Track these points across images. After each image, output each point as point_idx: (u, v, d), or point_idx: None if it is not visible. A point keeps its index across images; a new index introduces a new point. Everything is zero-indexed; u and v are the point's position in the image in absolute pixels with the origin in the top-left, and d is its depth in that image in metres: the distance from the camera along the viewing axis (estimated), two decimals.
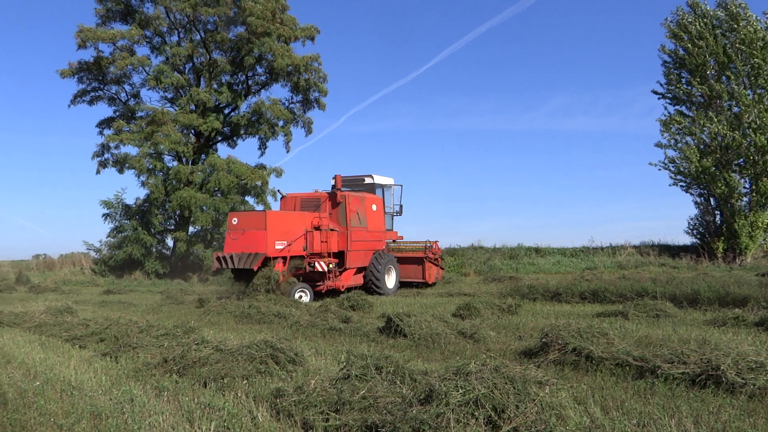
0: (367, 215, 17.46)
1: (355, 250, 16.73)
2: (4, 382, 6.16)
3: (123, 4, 26.96)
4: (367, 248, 17.27)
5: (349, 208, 16.71)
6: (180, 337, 7.99)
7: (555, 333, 6.66)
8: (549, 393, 4.18)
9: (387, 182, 19.27)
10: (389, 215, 19.11)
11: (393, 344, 7.96)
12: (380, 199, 18.46)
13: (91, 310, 14.40)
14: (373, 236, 17.58)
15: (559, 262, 26.68)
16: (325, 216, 16.47)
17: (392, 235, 19.11)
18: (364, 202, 17.48)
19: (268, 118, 28.06)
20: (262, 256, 14.25)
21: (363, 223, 17.18)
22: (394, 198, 19.44)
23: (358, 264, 17.02)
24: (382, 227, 18.17)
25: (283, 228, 15.01)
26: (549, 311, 11.23)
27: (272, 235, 14.61)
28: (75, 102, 28.51)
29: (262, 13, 25.74)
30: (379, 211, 18.16)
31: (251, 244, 14.61)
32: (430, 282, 18.73)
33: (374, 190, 18.61)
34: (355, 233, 16.71)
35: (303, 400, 4.74)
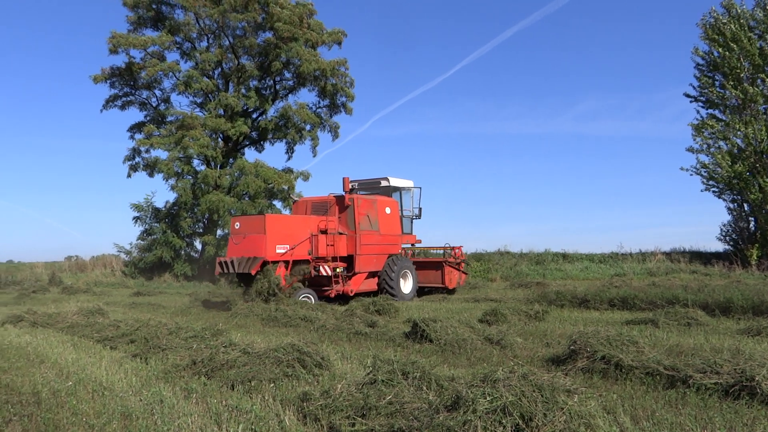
0: (380, 218, 17.10)
1: (365, 254, 16.43)
2: (38, 382, 6.29)
3: (154, 11, 27.46)
4: (379, 252, 16.96)
5: (357, 211, 16.42)
6: (208, 339, 8.08)
7: (583, 340, 6.57)
8: (578, 401, 4.13)
9: (405, 185, 18.90)
10: (408, 218, 18.76)
11: (419, 349, 7.95)
12: (395, 201, 18.09)
13: (121, 312, 14.66)
14: (386, 240, 17.23)
15: (587, 268, 26.37)
16: (333, 219, 16.25)
17: (410, 238, 18.72)
18: (376, 205, 17.12)
19: (295, 122, 28.30)
20: (260, 260, 14.17)
21: (375, 227, 16.85)
22: (413, 201, 19.05)
23: (370, 268, 16.70)
24: (397, 230, 17.79)
25: (284, 232, 14.89)
26: (577, 318, 11.10)
27: (272, 238, 14.47)
28: (107, 106, 29.13)
29: (289, 19, 26.00)
30: (394, 214, 17.78)
31: (251, 248, 14.55)
32: (450, 287, 18.31)
33: (390, 193, 18.30)
34: (364, 236, 16.41)
35: (329, 404, 4.75)
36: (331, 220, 16.13)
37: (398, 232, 17.81)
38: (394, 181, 18.51)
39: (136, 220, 29.16)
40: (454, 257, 18.72)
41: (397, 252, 17.61)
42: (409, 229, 18.76)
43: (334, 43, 28.39)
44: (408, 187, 18.98)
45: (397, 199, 18.49)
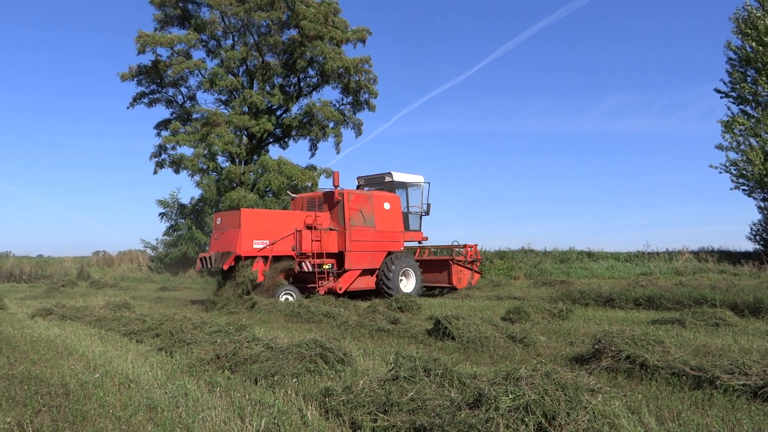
0: (376, 214, 16.62)
1: (356, 250, 15.99)
2: (67, 374, 6.41)
3: (180, 10, 27.77)
4: (375, 249, 16.47)
5: (348, 206, 16.00)
6: (232, 334, 8.16)
7: (608, 339, 6.49)
8: (602, 401, 4.08)
9: (411, 180, 18.31)
10: (416, 215, 18.24)
11: (441, 347, 7.93)
12: (396, 197, 17.52)
13: (147, 306, 14.90)
14: (384, 236, 16.72)
15: (612, 266, 26.07)
16: (324, 215, 15.95)
17: (416, 235, 18.14)
18: (372, 201, 16.66)
19: (318, 119, 28.41)
20: (231, 255, 14.06)
21: (370, 223, 16.40)
22: (423, 196, 18.43)
23: (363, 265, 16.26)
24: (398, 227, 17.22)
25: (262, 227, 14.68)
26: (601, 317, 10.97)
27: (247, 233, 14.30)
28: (134, 104, 29.55)
29: (314, 17, 26.11)
30: (395, 210, 17.21)
31: (227, 243, 14.48)
32: (459, 287, 17.66)
33: (395, 189, 17.80)
34: (356, 233, 16.00)
35: (351, 399, 4.76)
36: (321, 216, 15.80)
37: (399, 229, 17.26)
38: (398, 176, 18.03)
39: (162, 216, 29.62)
40: (465, 256, 18.11)
41: (398, 249, 17.08)
42: (417, 225, 18.25)
43: (359, 41, 28.45)
44: (415, 183, 18.42)
45: (403, 195, 18.05)
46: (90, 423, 4.62)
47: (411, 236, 17.92)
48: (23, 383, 5.97)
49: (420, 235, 18.28)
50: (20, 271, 34.23)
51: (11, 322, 11.61)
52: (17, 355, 7.67)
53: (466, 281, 17.91)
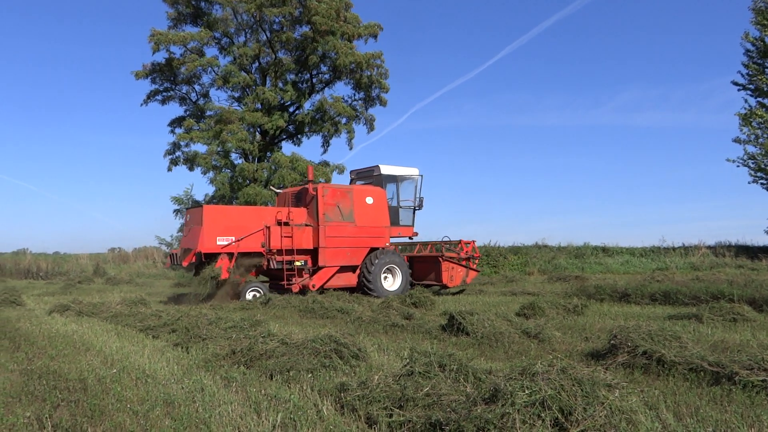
0: (356, 209, 16.05)
1: (332, 246, 15.53)
2: (85, 369, 6.48)
3: (193, 7, 27.86)
4: (354, 245, 15.96)
5: (323, 201, 15.50)
6: (247, 329, 8.21)
7: (624, 335, 6.45)
8: (619, 396, 4.05)
9: (401, 172, 17.51)
10: (407, 209, 17.50)
11: (455, 342, 7.92)
12: (380, 191, 16.84)
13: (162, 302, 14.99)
14: (365, 232, 16.16)
15: (627, 261, 25.91)
16: (299, 210, 15.63)
17: (405, 231, 17.36)
18: (351, 195, 16.10)
19: (331, 115, 28.41)
20: (191, 251, 14.07)
21: (348, 218, 15.87)
22: (416, 190, 17.64)
23: (339, 262, 15.78)
24: (382, 222, 16.53)
25: (226, 223, 14.49)
26: (617, 312, 10.90)
27: (209, 230, 14.15)
28: (148, 102, 29.71)
29: (326, 12, 26.08)
30: (379, 205, 16.54)
31: (191, 240, 14.47)
32: (450, 285, 16.87)
33: (384, 182, 17.18)
34: (331, 228, 15.52)
35: (367, 395, 4.77)
36: (296, 212, 15.52)
37: (384, 224, 16.60)
38: (386, 169, 17.36)
39: (176, 213, 29.78)
40: (457, 252, 17.31)
41: (382, 245, 16.46)
42: (408, 220, 17.54)
43: (370, 36, 28.39)
44: (406, 175, 17.67)
45: (393, 188, 17.43)
46: (108, 417, 4.66)
47: (399, 232, 17.23)
48: (42, 378, 6.05)
49: (410, 230, 17.56)
50: (37, 267, 34.64)
51: (29, 318, 11.75)
52: (36, 351, 7.76)
53: (459, 279, 17.11)
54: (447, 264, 16.80)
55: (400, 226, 17.21)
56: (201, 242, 14.04)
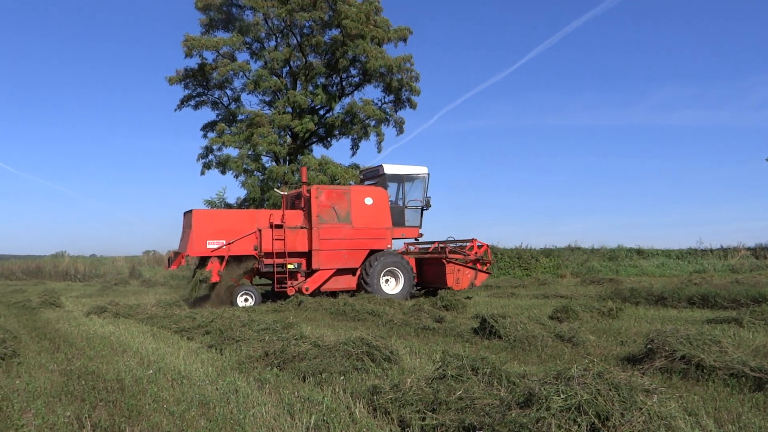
0: (354, 210, 15.64)
1: (326, 249, 15.22)
2: (122, 369, 6.60)
3: (225, 13, 28.24)
4: (352, 247, 15.58)
5: (316, 203, 15.21)
6: (279, 332, 8.28)
7: (661, 339, 6.31)
8: (657, 402, 3.97)
9: (406, 171, 16.98)
10: (414, 209, 16.95)
11: (488, 345, 7.86)
12: (381, 191, 16.32)
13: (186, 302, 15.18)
14: (364, 233, 15.74)
15: (663, 264, 25.43)
16: (295, 213, 15.45)
17: (409, 232, 16.77)
18: (349, 196, 15.70)
19: (360, 118, 28.50)
20: (179, 255, 14.28)
21: (345, 219, 15.51)
22: (423, 190, 17.07)
23: (335, 265, 15.45)
24: (383, 223, 16.03)
25: (217, 226, 14.53)
26: (653, 316, 10.69)
27: (199, 234, 14.23)
28: (181, 107, 30.20)
29: (356, 16, 26.19)
30: (379, 205, 16.06)
31: (183, 243, 14.62)
32: (456, 289, 15.98)
33: (387, 182, 16.67)
34: (326, 231, 15.22)
35: (399, 398, 4.76)
36: (292, 214, 15.35)
37: (386, 225, 16.09)
38: (390, 168, 16.85)
39: None
40: (465, 254, 16.57)
41: (383, 247, 16.01)
42: (415, 220, 16.98)
43: (400, 40, 28.41)
44: (412, 174, 17.10)
45: (398, 188, 17.02)
46: (145, 418, 4.74)
47: (403, 233, 16.66)
48: (81, 378, 6.18)
49: (416, 231, 16.99)
50: (75, 270, 35.51)
51: (68, 319, 12.03)
52: (74, 352, 7.94)
53: (467, 282, 16.36)
54: (452, 266, 16.15)
55: (405, 226, 16.73)
56: (190, 246, 14.22)
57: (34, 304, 15.33)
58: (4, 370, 6.72)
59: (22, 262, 38.84)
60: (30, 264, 38.09)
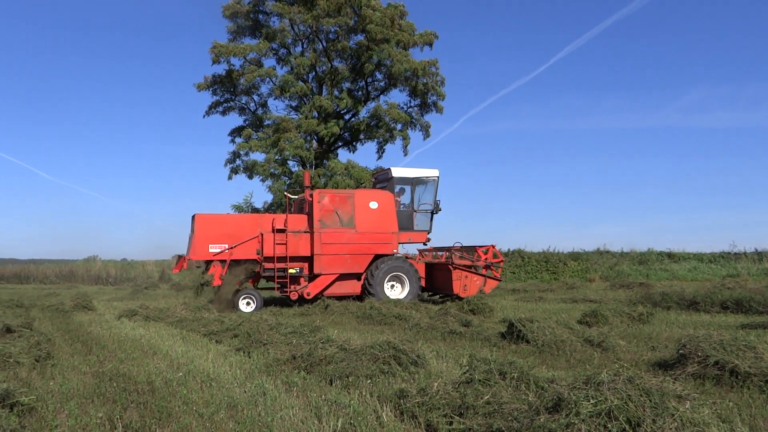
0: (357, 214, 15.49)
1: (328, 254, 15.13)
2: (152, 372, 6.70)
3: (252, 20, 28.57)
4: (355, 252, 15.41)
5: (319, 207, 15.15)
6: (306, 335, 8.31)
7: (694, 344, 6.19)
8: (690, 408, 3.89)
9: (415, 174, 16.70)
10: (423, 213, 16.65)
11: (515, 350, 7.80)
12: (387, 195, 16.07)
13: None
14: (368, 238, 15.54)
15: (695, 268, 24.95)
16: (299, 217, 15.41)
17: (416, 236, 16.49)
18: (353, 200, 15.57)
19: (386, 122, 28.56)
20: (181, 259, 14.44)
21: (348, 224, 15.38)
22: (434, 194, 16.76)
23: (337, 270, 15.31)
24: (388, 227, 15.80)
25: (220, 231, 14.60)
26: (685, 321, 10.49)
27: (201, 238, 14.37)
28: (209, 113, 30.60)
29: (381, 20, 26.27)
30: (385, 209, 15.82)
31: (187, 247, 14.78)
32: (463, 296, 15.30)
33: (395, 185, 16.43)
34: (327, 235, 15.12)
35: (426, 402, 4.74)
36: (296, 218, 15.33)
37: (391, 229, 15.86)
38: (398, 171, 16.64)
39: None
40: (473, 260, 16.13)
41: (388, 251, 15.77)
42: (425, 224, 16.68)
43: (426, 44, 28.42)
44: (422, 177, 16.76)
45: (408, 191, 16.71)
46: (175, 420, 4.80)
47: (410, 237, 16.42)
48: (112, 380, 6.29)
49: (424, 236, 16.71)
50: (107, 274, 36.18)
51: (100, 322, 12.25)
52: (106, 354, 8.08)
53: (475, 288, 15.85)
54: (459, 272, 15.76)
55: (414, 231, 16.49)
56: (192, 250, 14.43)
57: (68, 307, 15.65)
58: (39, 371, 6.87)
59: (55, 266, 39.70)
60: (63, 268, 38.91)
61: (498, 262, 16.81)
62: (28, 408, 4.99)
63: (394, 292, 15.65)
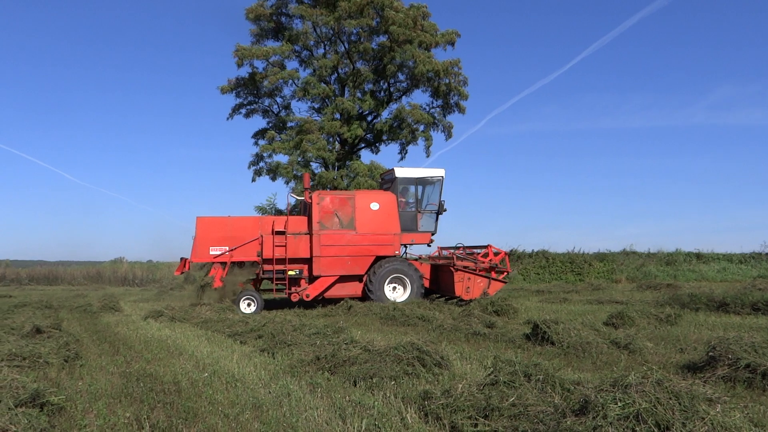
0: (358, 216, 15.43)
1: (327, 255, 15.11)
2: (178, 372, 6.77)
3: (274, 23, 28.77)
4: (356, 253, 15.36)
5: (318, 209, 15.16)
6: (330, 336, 8.33)
7: (724, 346, 6.07)
8: (721, 412, 3.81)
9: (418, 175, 16.53)
10: (428, 214, 16.43)
11: (540, 352, 7.72)
12: (389, 195, 15.93)
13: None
14: (369, 239, 15.45)
15: (724, 269, 24.48)
16: (300, 219, 15.46)
17: (420, 237, 16.30)
18: (353, 201, 15.51)
19: (409, 123, 28.53)
20: (182, 261, 14.72)
21: (349, 225, 15.34)
22: (439, 194, 16.54)
23: (337, 272, 15.27)
24: (390, 229, 15.68)
25: (220, 233, 14.72)
26: (714, 323, 10.29)
27: (201, 240, 14.55)
28: (233, 115, 30.87)
29: (404, 22, 26.26)
30: (386, 210, 15.71)
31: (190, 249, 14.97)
32: (465, 298, 15.09)
33: (398, 186, 16.24)
34: (327, 237, 15.12)
35: (451, 403, 4.72)
36: (296, 220, 15.37)
37: (393, 231, 15.72)
38: (401, 172, 16.46)
39: None
40: (476, 262, 15.70)
41: (390, 253, 15.64)
42: (430, 225, 16.47)
43: (448, 44, 28.34)
44: (426, 178, 16.55)
45: (412, 192, 16.51)
46: (201, 420, 4.84)
47: (413, 238, 16.23)
48: (139, 381, 6.37)
49: (427, 237, 16.49)
50: (133, 275, 36.68)
51: (127, 323, 12.43)
52: (133, 355, 8.19)
53: (479, 291, 15.47)
54: (461, 274, 15.37)
55: (418, 232, 16.30)
56: (193, 252, 14.69)
57: (95, 308, 15.92)
58: (68, 371, 6.99)
59: (83, 268, 40.39)
60: (90, 270, 39.57)
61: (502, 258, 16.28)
62: (58, 408, 5.07)
63: (395, 294, 15.51)
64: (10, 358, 7.05)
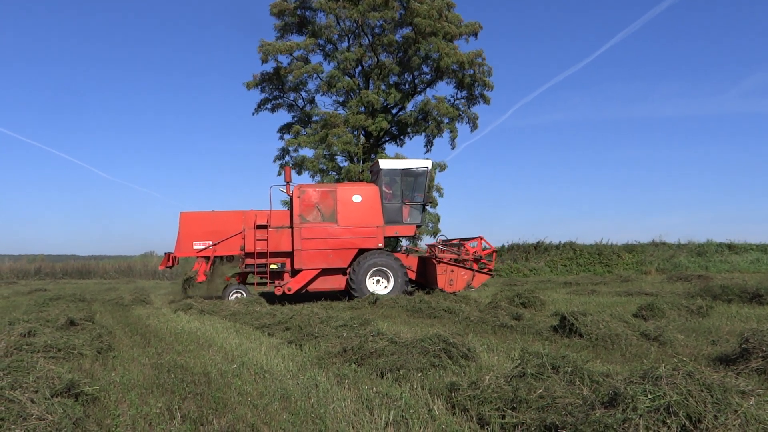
0: (340, 209, 15.47)
1: (308, 249, 15.19)
2: (208, 363, 6.88)
3: (298, 17, 28.86)
4: (338, 246, 15.38)
5: (298, 202, 15.28)
6: (357, 328, 8.37)
7: (758, 338, 5.95)
8: (755, 404, 3.74)
9: (402, 166, 16.46)
10: (413, 206, 16.30)
11: (568, 344, 7.65)
12: (372, 188, 15.96)
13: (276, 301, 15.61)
14: (351, 233, 15.48)
15: (758, 260, 23.98)
16: (280, 213, 15.56)
17: (403, 229, 16.23)
18: (335, 194, 15.56)
19: (434, 115, 28.44)
20: (166, 255, 14.91)
21: (330, 218, 15.41)
22: (425, 186, 16.45)
23: (319, 265, 15.34)
24: (373, 221, 15.64)
25: (203, 228, 14.90)
26: (748, 314, 10.08)
27: (185, 235, 14.75)
28: (258, 110, 31.10)
29: (428, 13, 26.15)
30: (369, 203, 15.69)
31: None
32: (449, 290, 15.07)
33: (382, 177, 16.19)
34: (307, 230, 15.22)
35: (478, 395, 4.71)
36: (278, 214, 15.46)
37: (375, 223, 15.69)
38: (385, 163, 16.49)
39: None
40: (458, 254, 15.63)
41: (373, 246, 15.58)
42: (415, 217, 16.34)
43: (471, 35, 28.14)
44: (411, 169, 16.40)
45: (398, 183, 16.31)
46: (231, 410, 4.92)
47: (397, 231, 16.21)
48: (170, 372, 6.48)
49: (412, 229, 16.40)
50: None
51: (157, 316, 12.65)
52: (164, 346, 8.34)
53: (462, 283, 15.45)
54: (443, 266, 15.36)
55: (403, 224, 16.20)
56: (177, 247, 14.91)
57: (127, 301, 16.24)
58: (101, 363, 7.15)
59: (114, 262, 41.20)
60: (122, 264, 40.34)
61: (489, 253, 16.25)
62: (92, 398, 5.19)
63: (378, 287, 15.44)
64: (45, 349, 7.23)
